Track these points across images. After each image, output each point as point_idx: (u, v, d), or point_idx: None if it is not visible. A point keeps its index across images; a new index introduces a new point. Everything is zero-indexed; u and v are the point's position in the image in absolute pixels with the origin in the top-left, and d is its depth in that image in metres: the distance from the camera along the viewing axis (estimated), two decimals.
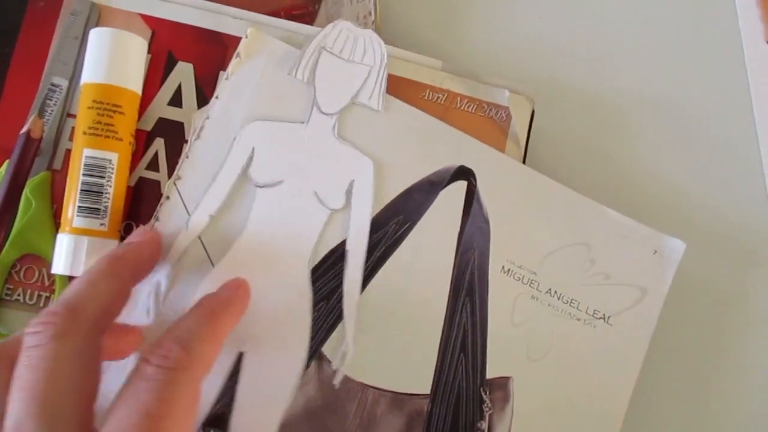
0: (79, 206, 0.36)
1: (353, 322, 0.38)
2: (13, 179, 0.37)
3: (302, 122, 0.38)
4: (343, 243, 0.38)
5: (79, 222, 0.36)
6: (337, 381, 0.37)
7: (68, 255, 0.36)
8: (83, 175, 0.36)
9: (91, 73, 0.37)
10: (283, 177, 0.38)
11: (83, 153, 0.37)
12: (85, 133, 0.37)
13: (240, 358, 0.37)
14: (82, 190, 0.36)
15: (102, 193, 0.37)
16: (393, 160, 0.39)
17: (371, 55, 0.39)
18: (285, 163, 0.38)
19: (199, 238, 0.37)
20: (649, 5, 0.48)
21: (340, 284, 0.38)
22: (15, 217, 0.37)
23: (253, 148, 0.38)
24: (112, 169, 0.37)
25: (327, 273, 0.38)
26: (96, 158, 0.37)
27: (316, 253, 0.38)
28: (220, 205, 0.37)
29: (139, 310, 0.36)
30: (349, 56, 0.39)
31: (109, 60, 0.37)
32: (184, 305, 0.36)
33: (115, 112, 0.37)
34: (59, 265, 0.36)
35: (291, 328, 0.37)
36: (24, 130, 0.37)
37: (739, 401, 0.44)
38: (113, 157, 0.37)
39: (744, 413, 0.44)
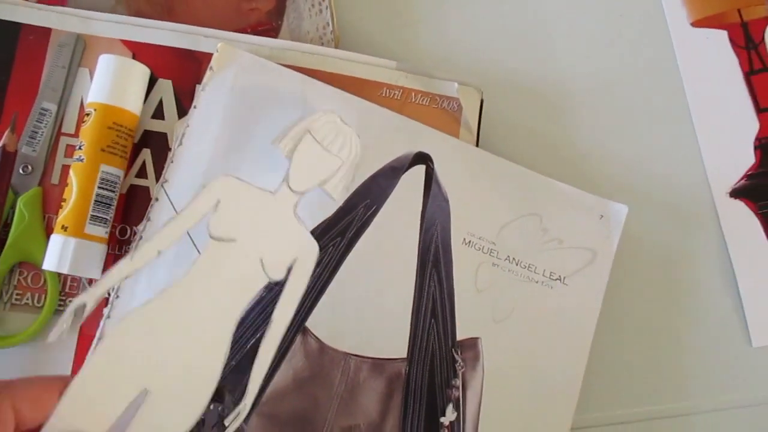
0: (92, 215, 0.41)
1: (257, 384, 0.40)
2: None
3: (271, 192, 0.42)
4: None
5: (90, 229, 0.40)
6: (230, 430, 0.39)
7: (74, 256, 0.40)
8: (99, 188, 0.41)
9: (114, 98, 0.42)
10: (236, 236, 0.41)
11: (100, 168, 0.41)
12: (103, 150, 0.41)
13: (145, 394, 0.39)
14: (96, 201, 0.41)
15: (111, 205, 0.42)
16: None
17: (347, 151, 0.43)
18: (243, 224, 0.41)
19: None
20: None
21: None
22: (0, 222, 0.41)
23: (219, 201, 0.41)
24: (119, 184, 0.42)
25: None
26: (111, 174, 0.41)
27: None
28: (170, 244, 0.40)
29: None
30: (328, 146, 0.42)
31: (131, 89, 0.43)
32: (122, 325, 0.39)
33: (129, 136, 0.42)
34: (54, 263, 0.40)
35: (196, 382, 0.39)
36: None
37: (689, 348, 0.48)
38: (121, 174, 0.42)
39: (694, 359, 0.48)
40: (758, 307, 0.49)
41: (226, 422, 0.39)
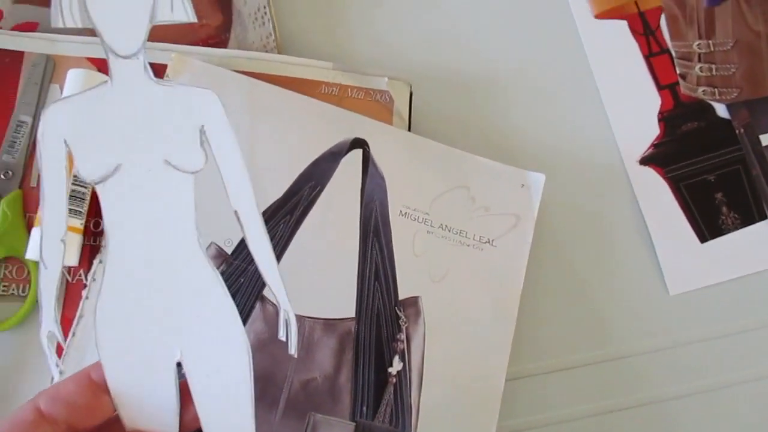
0: (69, 209, 0.46)
1: (279, 282, 0.37)
2: None
3: (105, 81, 0.31)
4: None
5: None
6: (293, 350, 0.37)
7: None
8: (72, 184, 0.46)
9: None
10: (118, 160, 0.30)
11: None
12: None
13: (179, 369, 0.34)
14: (71, 196, 0.46)
15: (84, 199, 0.47)
16: (296, 140, 0.49)
17: None
18: (111, 141, 0.30)
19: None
20: None
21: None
22: None
23: (65, 141, 0.30)
24: None
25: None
26: None
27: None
28: (64, 224, 0.32)
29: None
30: None
31: None
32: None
33: None
34: (35, 252, 0.45)
35: (213, 312, 0.34)
36: None
37: (611, 300, 0.54)
38: None
39: (616, 310, 0.54)
40: (672, 259, 0.55)
41: (281, 336, 0.35)
